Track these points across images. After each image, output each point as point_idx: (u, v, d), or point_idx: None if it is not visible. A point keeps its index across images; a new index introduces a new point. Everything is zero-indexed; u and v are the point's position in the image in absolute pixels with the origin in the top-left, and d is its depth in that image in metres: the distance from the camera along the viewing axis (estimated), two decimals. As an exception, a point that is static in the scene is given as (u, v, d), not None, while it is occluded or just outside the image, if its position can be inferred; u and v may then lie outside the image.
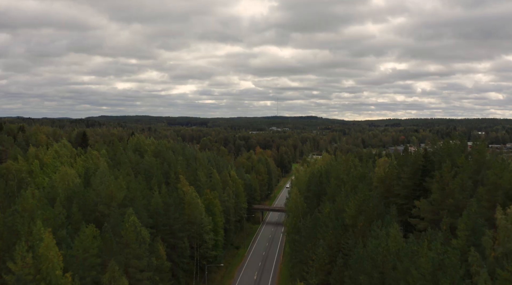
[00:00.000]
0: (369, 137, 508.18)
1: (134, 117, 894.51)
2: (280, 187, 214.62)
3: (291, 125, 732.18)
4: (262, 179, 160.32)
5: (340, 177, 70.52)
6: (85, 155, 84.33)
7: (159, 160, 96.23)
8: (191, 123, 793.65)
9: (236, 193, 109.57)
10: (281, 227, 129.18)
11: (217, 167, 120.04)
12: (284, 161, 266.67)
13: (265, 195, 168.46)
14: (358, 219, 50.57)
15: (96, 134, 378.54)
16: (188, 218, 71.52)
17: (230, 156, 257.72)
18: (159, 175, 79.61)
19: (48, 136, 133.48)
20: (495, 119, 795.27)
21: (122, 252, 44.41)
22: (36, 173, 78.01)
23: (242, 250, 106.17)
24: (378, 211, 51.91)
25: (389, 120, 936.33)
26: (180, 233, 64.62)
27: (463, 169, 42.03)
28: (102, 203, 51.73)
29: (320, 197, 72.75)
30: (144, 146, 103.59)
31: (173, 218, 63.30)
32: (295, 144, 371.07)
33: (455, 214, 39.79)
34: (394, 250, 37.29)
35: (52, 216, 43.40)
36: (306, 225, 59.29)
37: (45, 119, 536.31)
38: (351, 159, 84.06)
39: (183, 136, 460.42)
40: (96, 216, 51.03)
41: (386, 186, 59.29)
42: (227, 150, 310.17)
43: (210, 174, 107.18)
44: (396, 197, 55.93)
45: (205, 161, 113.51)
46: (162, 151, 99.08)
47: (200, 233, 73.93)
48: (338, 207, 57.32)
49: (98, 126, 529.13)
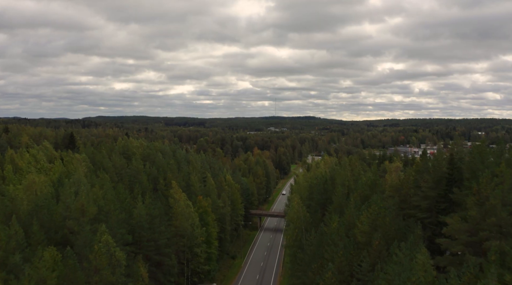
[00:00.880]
0: (368, 138, 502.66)
1: (131, 117, 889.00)
2: (279, 189, 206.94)
3: (289, 126, 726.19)
4: (260, 182, 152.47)
5: (346, 184, 62.75)
6: (66, 159, 76.40)
7: (148, 163, 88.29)
8: (189, 124, 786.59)
9: (232, 198, 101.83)
10: (280, 233, 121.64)
11: (212, 170, 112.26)
12: (283, 162, 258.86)
13: (263, 198, 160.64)
14: (373, 236, 42.85)
15: (91, 135, 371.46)
16: (176, 230, 63.74)
17: (227, 157, 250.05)
18: (146, 181, 71.71)
19: (33, 137, 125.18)
20: (494, 120, 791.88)
21: (90, 281, 36.52)
22: (9, 179, 70.03)
23: (238, 260, 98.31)
24: (396, 226, 44.26)
25: (388, 120, 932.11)
26: (166, 249, 56.79)
27: (503, 178, 34.41)
28: (71, 218, 43.85)
29: (325, 206, 64.99)
30: (132, 148, 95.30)
31: (158, 232, 55.46)
32: (293, 144, 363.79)
33: (498, 236, 32.21)
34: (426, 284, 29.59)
35: (4, 238, 35.50)
36: (311, 241, 51.54)
37: (42, 120, 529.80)
38: (357, 162, 76.24)
39: (180, 137, 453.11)
40: (64, 235, 43.12)
41: (402, 195, 51.61)
42: (223, 152, 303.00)
43: (204, 178, 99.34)
44: (415, 209, 48.26)
45: (199, 164, 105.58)
46: (152, 154, 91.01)
47: (190, 246, 66.17)
48: (347, 220, 49.60)
49: (94, 126, 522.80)
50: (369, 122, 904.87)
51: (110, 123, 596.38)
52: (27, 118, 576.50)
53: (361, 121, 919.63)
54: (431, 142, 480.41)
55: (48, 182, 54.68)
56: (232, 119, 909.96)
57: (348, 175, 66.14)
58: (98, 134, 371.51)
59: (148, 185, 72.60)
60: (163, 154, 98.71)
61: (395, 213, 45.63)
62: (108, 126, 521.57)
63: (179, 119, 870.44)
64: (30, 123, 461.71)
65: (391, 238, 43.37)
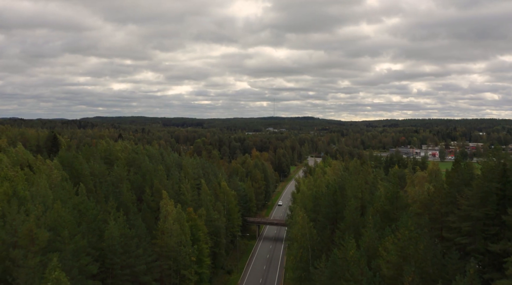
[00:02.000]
0: (368, 139, 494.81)
1: (129, 118, 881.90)
2: (278, 193, 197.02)
3: (287, 126, 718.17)
4: (259, 187, 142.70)
5: (360, 196, 53.07)
6: (37, 166, 66.53)
7: (133, 169, 78.42)
8: (187, 124, 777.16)
9: (229, 207, 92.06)
10: (280, 243, 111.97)
11: (207, 176, 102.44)
12: (282, 164, 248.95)
13: (262, 204, 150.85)
14: (404, 269, 33.32)
15: (86, 136, 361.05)
16: (161, 250, 54.00)
17: (224, 159, 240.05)
18: (126, 192, 61.87)
19: (12, 139, 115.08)
20: (493, 120, 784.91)
21: None
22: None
23: (235, 275, 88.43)
24: (432, 257, 34.67)
25: (387, 120, 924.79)
26: (145, 276, 47.04)
27: None
28: (17, 246, 34.19)
29: (335, 221, 55.34)
30: (116, 152, 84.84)
31: (135, 256, 45.72)
32: (293, 145, 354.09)
33: None
34: None
35: None
36: (321, 269, 41.81)
37: (38, 120, 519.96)
38: (369, 169, 66.46)
39: (177, 137, 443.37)
40: (7, 268, 33.31)
41: (432, 213, 42.10)
42: (220, 153, 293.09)
43: (198, 185, 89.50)
44: (451, 231, 38.73)
45: (192, 169, 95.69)
46: (137, 159, 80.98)
47: (177, 269, 56.40)
48: (366, 245, 40.01)
49: (91, 127, 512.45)
50: (368, 122, 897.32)
51: (107, 124, 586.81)
52: (23, 119, 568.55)
53: (360, 122, 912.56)
54: (432, 143, 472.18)
55: (1, 196, 44.81)
56: (230, 119, 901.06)
57: (362, 184, 56.48)
58: (93, 135, 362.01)
59: (130, 196, 62.74)
60: (151, 158, 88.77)
61: (430, 238, 36.02)
62: (104, 127, 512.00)
63: (177, 120, 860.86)
64: (26, 124, 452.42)
65: (426, 272, 33.80)
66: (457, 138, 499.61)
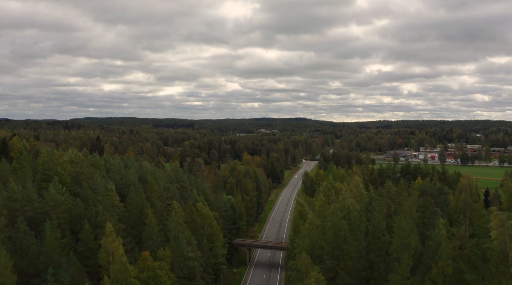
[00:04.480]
0: (363, 140, 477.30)
1: (119, 119, 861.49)
2: (272, 201, 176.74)
3: (280, 127, 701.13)
4: (250, 199, 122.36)
5: (413, 245, 32.75)
6: None
7: (78, 189, 57.25)
8: (178, 125, 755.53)
9: (209, 233, 71.36)
10: (276, 271, 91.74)
11: (184, 192, 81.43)
12: (276, 169, 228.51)
13: (253, 218, 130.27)
14: None
15: (69, 137, 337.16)
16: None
17: (213, 164, 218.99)
18: (50, 230, 40.96)
19: None
20: (487, 121, 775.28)
21: None
22: None
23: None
24: None
25: (380, 122, 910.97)
26: None
27: None
28: None
29: (368, 281, 35.02)
30: (58, 165, 61.99)
31: None
32: (286, 148, 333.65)
33: None
34: None
35: None
36: None
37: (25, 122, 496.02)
38: (416, 192, 45.69)
39: (165, 139, 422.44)
40: None
41: None
42: (209, 157, 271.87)
43: (168, 206, 68.70)
44: None
45: (164, 183, 74.59)
46: (87, 174, 58.98)
47: None
48: None
49: (77, 128, 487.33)
50: (361, 123, 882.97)
51: (95, 125, 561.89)
52: (8, 119, 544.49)
53: (352, 123, 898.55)
54: (430, 145, 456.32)
55: None
56: (222, 120, 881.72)
57: (415, 223, 35.75)
58: (76, 137, 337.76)
59: (57, 234, 41.85)
60: (109, 171, 67.57)
61: None
62: (91, 128, 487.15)
63: (168, 120, 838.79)
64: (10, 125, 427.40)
65: None
66: (454, 140, 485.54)
